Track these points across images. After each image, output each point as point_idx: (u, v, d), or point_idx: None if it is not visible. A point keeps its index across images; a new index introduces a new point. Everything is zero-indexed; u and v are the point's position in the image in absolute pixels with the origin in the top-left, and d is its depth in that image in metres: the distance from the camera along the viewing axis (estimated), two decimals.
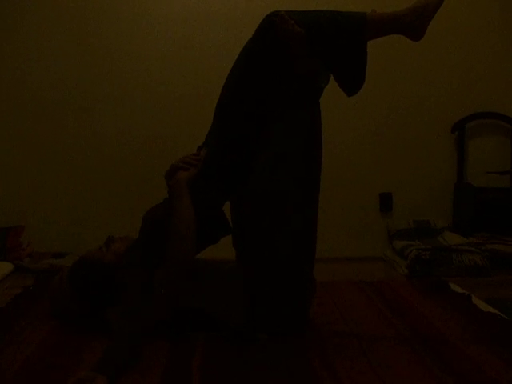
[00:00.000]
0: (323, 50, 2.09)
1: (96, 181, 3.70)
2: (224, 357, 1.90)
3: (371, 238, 3.78)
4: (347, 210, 3.79)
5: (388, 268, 3.44)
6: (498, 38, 3.82)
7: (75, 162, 3.69)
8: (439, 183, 3.81)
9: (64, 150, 3.69)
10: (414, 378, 1.71)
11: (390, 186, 3.81)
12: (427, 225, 3.68)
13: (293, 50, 2.05)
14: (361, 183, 3.80)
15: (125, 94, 3.69)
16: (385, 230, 3.79)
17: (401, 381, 1.69)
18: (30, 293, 2.71)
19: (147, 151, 3.68)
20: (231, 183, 2.18)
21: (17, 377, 1.75)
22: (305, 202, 2.12)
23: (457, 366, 1.79)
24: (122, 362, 1.76)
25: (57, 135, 3.68)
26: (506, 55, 3.82)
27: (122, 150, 3.70)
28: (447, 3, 2.16)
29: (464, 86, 3.82)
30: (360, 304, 2.55)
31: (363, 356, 1.89)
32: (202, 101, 3.42)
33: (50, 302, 2.34)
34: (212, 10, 3.69)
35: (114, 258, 2.20)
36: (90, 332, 2.12)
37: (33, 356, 1.92)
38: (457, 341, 2.02)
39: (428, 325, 2.22)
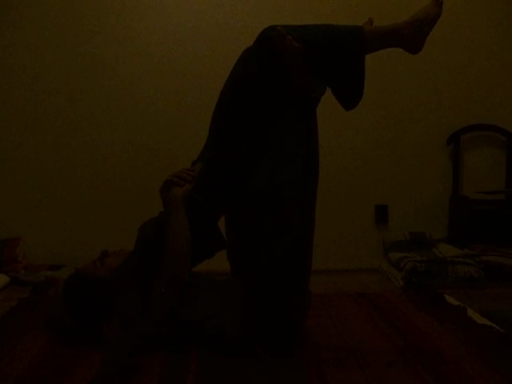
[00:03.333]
0: (321, 64, 2.10)
1: (92, 194, 3.71)
2: (219, 369, 1.90)
3: (367, 250, 3.79)
4: (343, 221, 3.80)
5: (383, 280, 3.44)
6: (492, 50, 3.85)
7: (71, 175, 3.70)
8: (434, 195, 3.82)
9: (60, 163, 3.70)
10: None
11: (386, 198, 3.83)
12: (423, 237, 3.69)
13: (290, 64, 2.06)
14: (356, 195, 3.82)
15: (121, 109, 3.71)
16: (380, 242, 3.80)
17: None
18: (26, 305, 2.70)
19: (143, 164, 3.69)
20: (226, 197, 2.18)
21: None
22: (302, 210, 2.12)
23: (452, 379, 1.80)
24: (118, 378, 1.76)
25: (53, 148, 3.69)
26: (501, 67, 3.85)
27: (118, 164, 3.71)
28: (443, 16, 2.18)
29: (459, 98, 3.84)
30: (355, 316, 2.55)
31: (358, 369, 1.89)
32: (198, 114, 3.44)
33: (44, 315, 2.34)
34: (207, 23, 3.71)
35: (107, 272, 2.20)
36: (84, 345, 2.11)
37: (28, 368, 1.92)
38: (452, 354, 2.02)
39: (424, 337, 2.22)
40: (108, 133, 3.71)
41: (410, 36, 2.12)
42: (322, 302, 2.74)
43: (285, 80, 2.09)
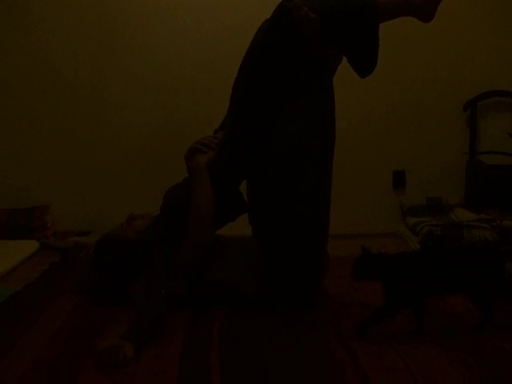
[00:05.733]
0: (337, 34, 2.16)
1: (118, 160, 3.80)
2: (241, 327, 2.02)
3: (385, 215, 3.86)
4: (362, 187, 3.86)
5: (401, 243, 3.49)
6: (510, 16, 3.85)
7: (98, 143, 3.79)
8: (451, 161, 3.85)
9: (86, 130, 3.79)
10: (425, 350, 1.80)
11: (403, 164, 3.88)
12: (439, 201, 3.74)
13: (307, 35, 2.12)
14: (374, 161, 3.87)
15: (146, 78, 3.77)
16: (398, 207, 3.85)
17: (411, 349, 1.79)
18: (57, 269, 2.83)
19: (168, 132, 3.75)
20: (248, 163, 2.27)
21: (49, 346, 1.88)
22: (320, 174, 2.22)
23: (467, 336, 1.90)
24: (148, 332, 1.88)
25: (80, 118, 3.78)
26: None
27: (144, 130, 3.78)
28: None
29: (476, 65, 3.85)
30: None
31: (376, 327, 1.98)
32: (219, 83, 3.47)
33: (76, 277, 2.48)
34: None
35: (134, 234, 2.32)
36: (114, 304, 2.25)
37: (63, 326, 2.06)
38: (463, 312, 2.11)
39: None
40: (134, 102, 3.78)
41: (422, 5, 2.18)
42: (341, 264, 2.79)
43: (302, 49, 2.16)
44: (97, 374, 1.66)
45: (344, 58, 2.27)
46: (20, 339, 1.94)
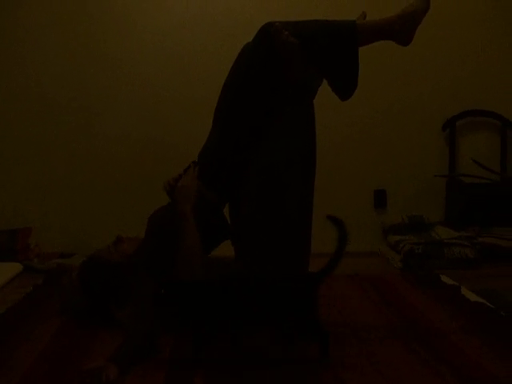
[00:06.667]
0: (317, 58, 2.22)
1: (101, 183, 3.81)
2: (227, 348, 2.03)
3: (366, 234, 3.88)
4: (343, 206, 3.86)
5: (383, 262, 3.53)
6: (486, 37, 3.92)
7: (81, 165, 3.80)
8: (431, 180, 3.90)
9: (70, 153, 3.79)
10: (404, 365, 1.82)
11: (384, 183, 3.93)
12: (420, 220, 3.76)
13: (288, 58, 2.18)
14: (356, 181, 3.92)
15: (130, 98, 3.80)
16: (379, 226, 3.90)
17: (392, 367, 1.80)
18: (41, 291, 2.81)
19: (151, 154, 3.79)
20: (232, 183, 2.31)
21: (33, 368, 1.87)
22: (301, 194, 2.27)
23: (442, 350, 1.92)
24: (135, 354, 1.87)
25: (62, 138, 3.79)
26: (495, 54, 3.93)
27: (127, 153, 3.80)
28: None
29: (454, 85, 3.92)
30: (355, 296, 2.66)
31: (356, 342, 2.02)
32: (202, 105, 3.51)
33: (60, 298, 2.47)
34: (208, 17, 3.79)
35: (120, 257, 2.33)
36: (98, 327, 2.24)
37: (47, 348, 2.04)
38: (443, 328, 2.14)
39: (417, 314, 2.34)
40: (118, 123, 3.80)
41: (401, 29, 2.23)
42: (323, 284, 2.82)
43: (283, 74, 2.21)
44: None
45: (325, 81, 2.32)
46: (4, 362, 1.93)
